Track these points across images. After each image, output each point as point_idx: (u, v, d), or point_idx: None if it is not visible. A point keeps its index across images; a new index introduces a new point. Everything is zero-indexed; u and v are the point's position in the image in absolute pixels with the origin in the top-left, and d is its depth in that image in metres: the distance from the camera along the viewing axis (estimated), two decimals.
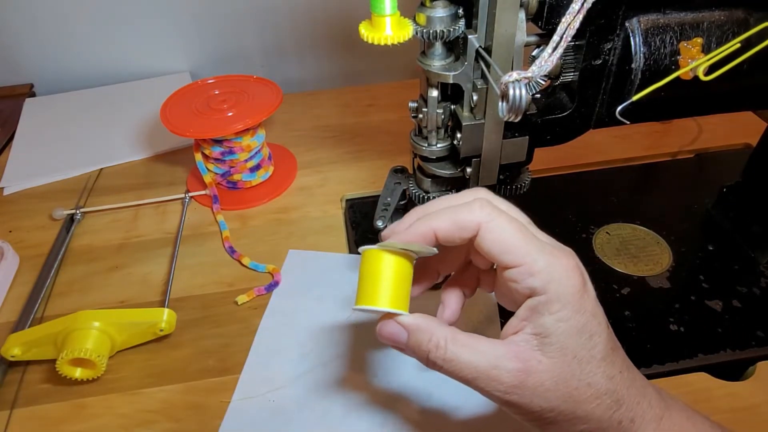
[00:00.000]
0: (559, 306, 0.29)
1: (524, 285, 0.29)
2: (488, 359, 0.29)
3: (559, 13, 0.33)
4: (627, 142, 0.68)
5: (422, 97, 0.40)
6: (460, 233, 0.30)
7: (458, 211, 0.30)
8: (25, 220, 0.62)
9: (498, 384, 0.29)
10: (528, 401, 0.29)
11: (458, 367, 0.30)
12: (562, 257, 0.30)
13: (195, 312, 0.51)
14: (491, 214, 0.30)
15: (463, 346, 0.30)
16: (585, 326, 0.29)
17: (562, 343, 0.29)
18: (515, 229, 0.30)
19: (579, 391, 0.29)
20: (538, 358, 0.29)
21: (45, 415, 0.44)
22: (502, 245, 0.29)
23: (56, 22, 0.79)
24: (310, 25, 0.83)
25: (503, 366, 0.29)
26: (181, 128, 0.57)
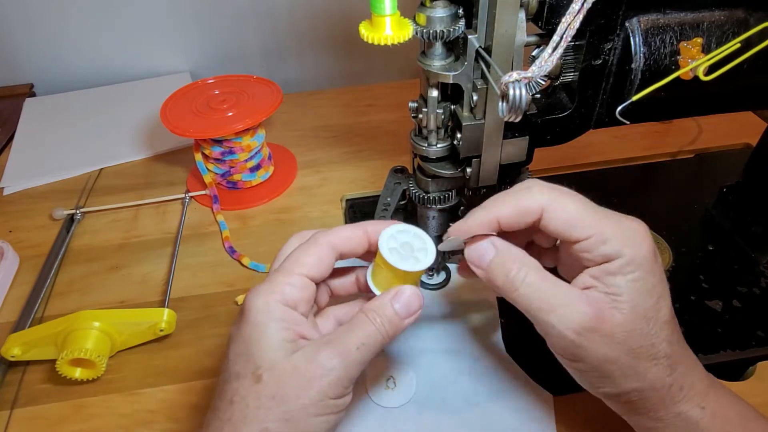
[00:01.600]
0: (633, 267, 0.30)
1: (598, 253, 0.30)
2: (567, 296, 0.30)
3: (559, 13, 0.33)
4: (627, 142, 0.68)
5: (422, 97, 0.40)
6: (524, 218, 0.31)
7: (519, 197, 0.31)
8: (25, 220, 0.62)
9: (571, 322, 0.30)
10: (595, 348, 0.30)
11: (535, 295, 0.31)
12: (631, 222, 0.31)
13: (195, 312, 0.51)
14: (552, 195, 0.31)
15: (545, 278, 0.31)
16: (654, 288, 0.31)
17: (635, 302, 0.30)
18: (579, 204, 0.31)
19: (643, 349, 0.30)
20: (611, 311, 0.30)
21: (45, 415, 0.44)
22: (570, 222, 0.30)
23: (56, 22, 0.79)
24: (310, 25, 0.83)
25: (578, 307, 0.30)
26: (181, 128, 0.57)
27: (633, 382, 0.31)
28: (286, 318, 0.31)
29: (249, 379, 0.30)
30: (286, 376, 0.30)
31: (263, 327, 0.31)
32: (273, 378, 0.30)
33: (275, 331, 0.31)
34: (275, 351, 0.30)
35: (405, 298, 0.33)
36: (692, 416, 0.32)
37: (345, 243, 0.34)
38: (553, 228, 0.31)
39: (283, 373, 0.30)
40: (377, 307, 0.32)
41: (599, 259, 0.30)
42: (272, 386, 0.30)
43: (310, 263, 0.33)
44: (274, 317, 0.31)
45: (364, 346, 0.31)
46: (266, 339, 0.30)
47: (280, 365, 0.30)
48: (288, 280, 0.32)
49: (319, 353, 0.30)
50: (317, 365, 0.30)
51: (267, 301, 0.31)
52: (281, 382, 0.30)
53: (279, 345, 0.30)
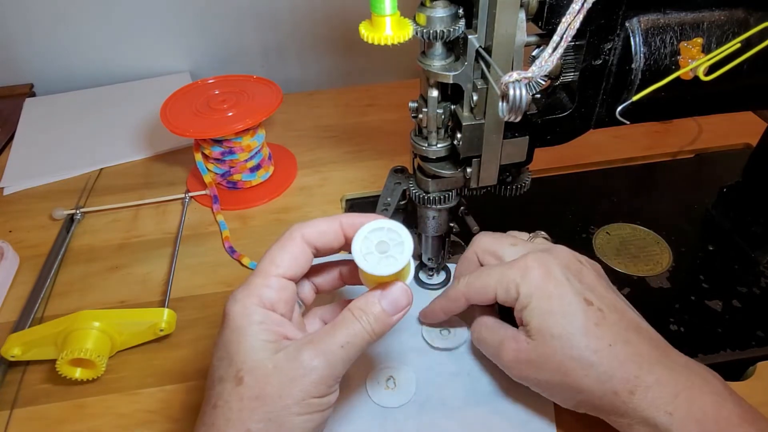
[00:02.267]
0: (527, 300, 0.35)
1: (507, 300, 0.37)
2: (499, 340, 0.38)
3: (559, 13, 0.33)
4: (627, 142, 0.68)
5: (422, 97, 0.40)
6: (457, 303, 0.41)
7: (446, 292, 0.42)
8: (25, 220, 0.62)
9: (502, 359, 0.38)
10: (526, 374, 0.36)
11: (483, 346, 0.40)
12: (516, 263, 0.37)
13: (195, 312, 0.51)
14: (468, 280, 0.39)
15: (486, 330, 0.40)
16: (552, 308, 0.35)
17: (539, 327, 0.35)
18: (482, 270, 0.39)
19: (564, 364, 0.34)
20: (526, 340, 0.36)
21: (45, 415, 0.44)
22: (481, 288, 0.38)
23: (56, 22, 0.79)
24: (310, 25, 0.83)
25: (506, 345, 0.37)
26: (181, 128, 0.57)
27: (576, 395, 0.35)
28: (266, 320, 0.31)
29: (231, 382, 0.30)
30: (267, 376, 0.30)
31: (243, 330, 0.31)
32: (255, 379, 0.30)
33: (255, 333, 0.31)
34: (256, 352, 0.30)
35: (392, 294, 0.33)
36: (660, 422, 0.32)
37: (320, 238, 0.34)
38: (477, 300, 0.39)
39: (264, 374, 0.30)
40: (363, 305, 0.33)
41: (512, 304, 0.37)
42: (254, 387, 0.30)
43: (285, 264, 0.33)
44: (254, 320, 0.31)
45: (349, 345, 0.31)
46: (246, 341, 0.31)
47: (261, 366, 0.30)
48: (265, 282, 0.32)
49: (301, 352, 0.30)
50: (299, 364, 0.30)
51: (245, 304, 0.32)
52: (263, 382, 0.30)
53: (260, 346, 0.31)
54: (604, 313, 0.35)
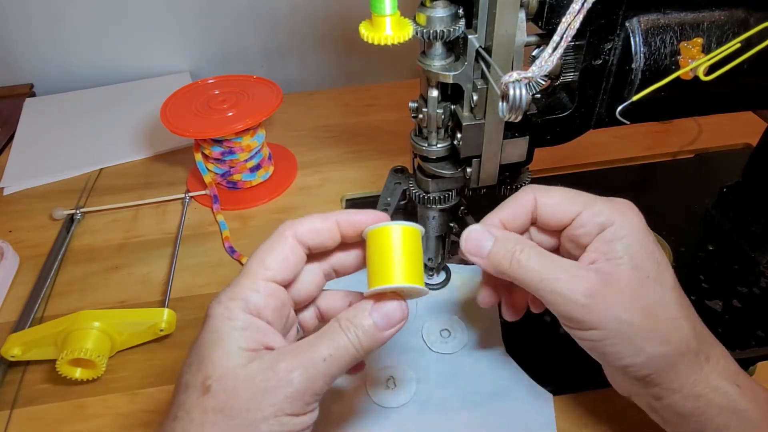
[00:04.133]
0: (627, 232, 0.31)
1: (593, 224, 0.31)
2: (569, 268, 0.31)
3: (559, 13, 0.33)
4: (627, 142, 0.68)
5: (422, 97, 0.40)
6: (522, 211, 0.34)
7: (514, 197, 0.34)
8: (25, 220, 0.62)
9: (577, 287, 0.30)
10: (607, 310, 0.30)
11: (541, 268, 0.31)
12: (617, 200, 0.33)
13: (195, 312, 0.51)
14: (539, 187, 0.34)
15: (545, 255, 0.32)
16: (653, 252, 0.31)
17: (636, 262, 0.30)
18: (564, 190, 0.33)
19: (655, 307, 0.30)
20: (616, 273, 0.30)
21: (45, 415, 0.44)
22: (561, 203, 0.33)
23: (56, 22, 0.79)
24: (310, 25, 0.83)
25: (583, 274, 0.30)
26: (181, 128, 0.57)
27: (657, 345, 0.30)
28: (248, 326, 0.28)
29: (197, 390, 0.27)
30: (237, 386, 0.27)
31: (221, 334, 0.28)
32: (222, 388, 0.27)
33: (233, 339, 0.28)
34: (230, 359, 0.27)
35: (386, 307, 0.29)
36: (730, 394, 0.31)
37: (314, 237, 0.31)
38: (547, 213, 0.33)
39: (234, 383, 0.27)
40: (353, 317, 0.29)
41: (595, 230, 0.31)
42: (221, 397, 0.27)
43: (276, 266, 0.30)
44: (234, 325, 0.28)
45: (332, 358, 0.28)
46: (222, 346, 0.28)
47: (232, 374, 0.27)
48: (252, 285, 0.29)
49: (278, 362, 0.27)
50: (274, 375, 0.27)
51: (229, 307, 0.29)
52: (231, 393, 0.27)
53: (235, 353, 0.27)
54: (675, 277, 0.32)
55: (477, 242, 0.33)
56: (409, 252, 0.30)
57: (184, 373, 0.28)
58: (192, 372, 0.28)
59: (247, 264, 0.30)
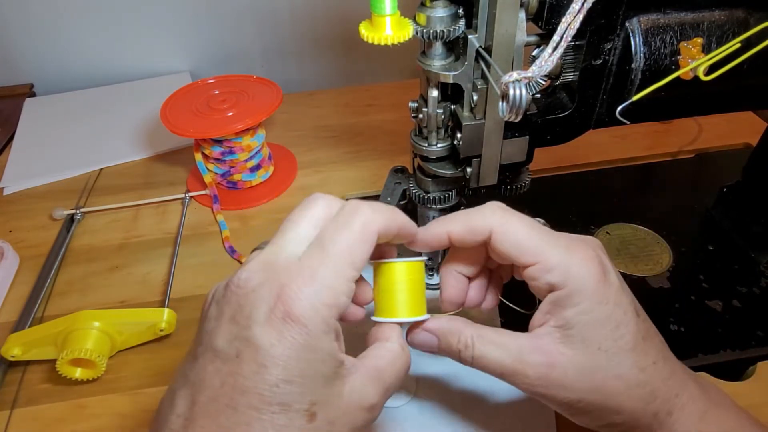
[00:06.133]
0: (579, 298, 0.29)
1: (543, 281, 0.29)
2: (513, 354, 0.30)
3: (559, 13, 0.33)
4: (627, 142, 0.68)
5: (422, 97, 0.40)
6: (473, 236, 0.31)
7: (471, 216, 0.31)
8: (25, 220, 0.62)
9: (524, 377, 0.30)
10: (555, 392, 0.30)
11: (487, 364, 0.31)
12: (578, 250, 0.30)
13: (195, 312, 0.51)
14: (503, 217, 0.30)
15: (489, 344, 0.31)
16: (609, 317, 0.29)
17: (585, 335, 0.29)
18: (527, 229, 0.30)
19: (607, 383, 0.29)
20: (560, 351, 0.29)
21: (45, 415, 0.44)
22: (516, 246, 0.30)
23: (56, 21, 0.79)
24: (310, 25, 0.83)
25: (527, 360, 0.30)
26: (181, 128, 0.57)
27: (611, 415, 0.30)
28: (336, 336, 0.27)
29: (302, 417, 0.25)
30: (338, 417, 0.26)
31: (320, 351, 0.25)
32: (326, 417, 0.26)
33: (330, 356, 0.26)
34: (330, 382, 0.26)
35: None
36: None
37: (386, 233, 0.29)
38: (500, 250, 0.30)
39: (335, 414, 0.26)
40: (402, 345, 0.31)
41: (545, 287, 0.30)
42: (324, 428, 0.25)
43: (360, 262, 0.27)
44: (331, 337, 0.26)
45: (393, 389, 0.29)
46: (325, 367, 0.26)
47: (334, 403, 0.26)
48: (345, 289, 0.27)
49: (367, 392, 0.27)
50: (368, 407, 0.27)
51: (325, 317, 0.26)
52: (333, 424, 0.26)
53: (333, 375, 0.26)
54: (647, 325, 0.31)
55: (423, 341, 0.33)
56: (412, 285, 0.32)
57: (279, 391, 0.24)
58: (294, 393, 0.25)
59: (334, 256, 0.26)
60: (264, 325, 0.25)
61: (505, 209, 0.31)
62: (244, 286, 0.26)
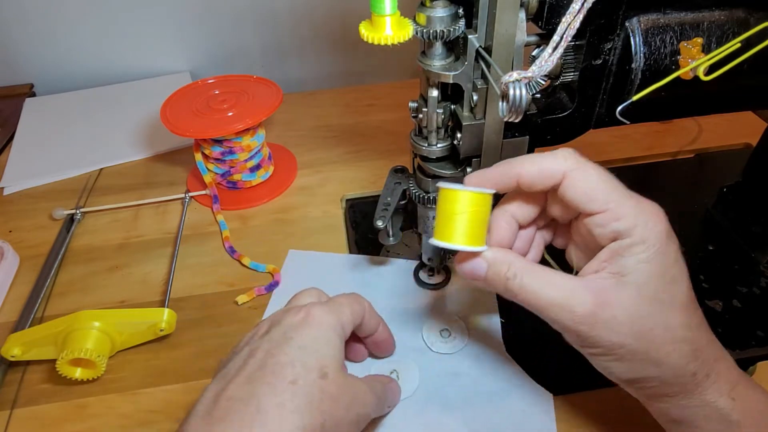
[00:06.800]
0: (643, 248, 0.29)
1: (609, 229, 0.30)
2: (563, 289, 0.30)
3: (559, 13, 0.33)
4: (627, 142, 0.68)
5: (422, 97, 0.40)
6: (544, 179, 0.31)
7: (545, 158, 0.31)
8: (25, 220, 0.62)
9: (570, 313, 0.30)
10: (599, 332, 0.30)
11: (534, 294, 0.31)
12: (647, 205, 0.31)
13: (195, 312, 0.51)
14: (577, 163, 0.31)
15: (540, 277, 0.31)
16: (667, 271, 0.30)
17: (641, 282, 0.29)
18: (600, 177, 0.31)
19: (655, 331, 0.30)
20: (614, 292, 0.29)
21: (45, 415, 0.44)
22: (588, 192, 0.30)
23: (56, 22, 0.79)
24: (310, 25, 0.83)
25: (578, 295, 0.30)
26: (181, 128, 0.57)
27: (650, 368, 0.30)
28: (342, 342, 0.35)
29: (316, 372, 0.32)
30: (343, 386, 0.33)
31: (332, 339, 0.34)
32: (335, 381, 0.33)
33: (339, 349, 0.35)
34: (338, 361, 0.34)
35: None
36: (722, 407, 0.31)
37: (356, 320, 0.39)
38: (570, 196, 0.31)
39: (342, 382, 0.33)
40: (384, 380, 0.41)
41: (610, 236, 0.30)
42: (334, 388, 0.32)
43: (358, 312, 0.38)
44: (339, 336, 0.35)
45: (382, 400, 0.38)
46: (333, 349, 0.34)
47: (340, 375, 0.33)
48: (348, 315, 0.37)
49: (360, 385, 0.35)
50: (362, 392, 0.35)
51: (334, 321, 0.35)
52: (340, 388, 0.33)
53: (340, 359, 0.34)
54: (693, 294, 0.31)
55: (472, 268, 0.33)
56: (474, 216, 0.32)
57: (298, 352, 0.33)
58: (308, 356, 0.33)
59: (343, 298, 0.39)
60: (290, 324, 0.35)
61: (577, 155, 0.31)
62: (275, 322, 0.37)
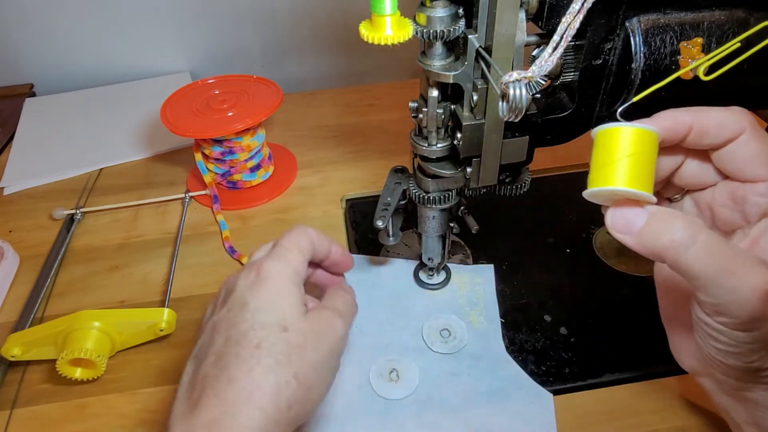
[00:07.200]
0: None
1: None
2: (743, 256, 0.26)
3: (559, 13, 0.33)
4: None
5: (422, 97, 0.40)
6: (719, 132, 0.29)
7: (723, 112, 0.29)
8: (25, 220, 0.62)
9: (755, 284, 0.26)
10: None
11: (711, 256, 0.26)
12: None
13: (195, 312, 0.51)
14: (753, 124, 0.29)
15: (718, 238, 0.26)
16: None
17: None
18: None
19: None
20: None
21: (45, 415, 0.44)
22: (760, 157, 0.28)
23: (56, 22, 0.79)
24: (310, 25, 0.83)
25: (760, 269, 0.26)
26: (181, 128, 0.57)
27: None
28: (299, 287, 0.36)
29: (276, 328, 0.33)
30: (306, 330, 0.33)
31: (287, 288, 0.35)
32: (297, 329, 0.33)
33: (296, 295, 0.35)
34: (296, 309, 0.34)
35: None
36: None
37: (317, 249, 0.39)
38: (743, 156, 0.28)
39: (304, 327, 0.34)
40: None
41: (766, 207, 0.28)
42: (297, 336, 0.33)
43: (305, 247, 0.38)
44: (294, 283, 0.35)
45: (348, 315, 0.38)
46: (289, 298, 0.34)
47: (301, 321, 0.34)
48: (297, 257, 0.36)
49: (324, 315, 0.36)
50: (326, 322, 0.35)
51: (285, 270, 0.35)
52: (303, 335, 0.33)
53: (298, 305, 0.34)
54: None
55: (625, 218, 0.28)
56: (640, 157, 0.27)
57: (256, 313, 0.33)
58: (265, 315, 0.33)
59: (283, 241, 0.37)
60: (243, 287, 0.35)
61: (751, 116, 0.29)
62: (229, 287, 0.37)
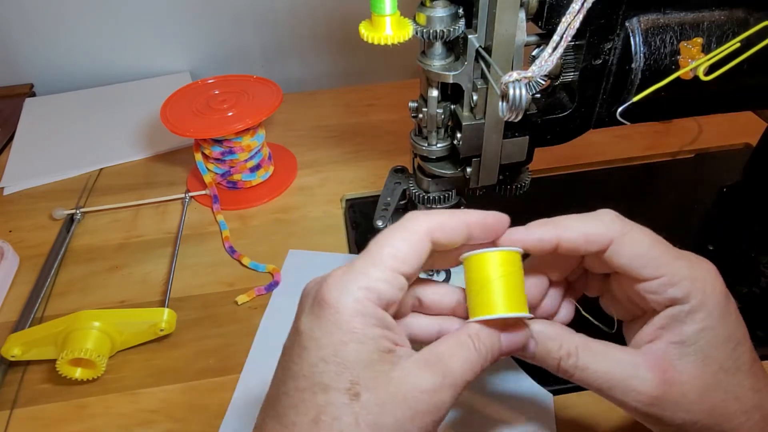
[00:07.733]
0: (704, 315, 0.27)
1: (665, 296, 0.28)
2: (625, 368, 0.28)
3: (559, 12, 0.33)
4: (627, 142, 0.68)
5: (422, 97, 0.40)
6: (588, 246, 0.28)
7: (587, 224, 0.29)
8: (25, 220, 0.62)
9: (636, 394, 0.27)
10: (670, 413, 0.28)
11: (592, 376, 0.28)
12: (701, 264, 0.29)
13: (195, 312, 0.51)
14: (624, 227, 0.28)
15: (597, 354, 0.29)
16: (731, 335, 0.28)
17: (706, 353, 0.27)
18: (651, 241, 0.28)
19: (726, 404, 0.28)
20: (679, 368, 0.27)
21: (45, 415, 0.44)
22: (640, 258, 0.28)
23: (56, 22, 0.79)
24: (310, 25, 0.83)
25: (642, 376, 0.28)
26: (181, 128, 0.57)
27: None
28: (381, 323, 0.26)
29: (343, 396, 0.25)
30: (389, 401, 0.25)
31: (358, 333, 0.25)
32: (374, 400, 0.25)
33: (372, 339, 0.25)
34: (374, 364, 0.25)
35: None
36: None
37: (445, 236, 0.28)
38: (619, 262, 0.28)
39: (385, 397, 0.25)
40: (485, 337, 0.28)
41: (665, 302, 0.28)
42: (373, 409, 0.25)
43: (404, 256, 0.27)
44: (370, 321, 0.26)
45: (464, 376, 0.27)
46: (363, 348, 0.25)
47: (382, 385, 0.25)
48: (383, 275, 0.26)
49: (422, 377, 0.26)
50: (425, 391, 0.25)
51: (359, 298, 0.26)
52: (383, 407, 0.25)
53: (378, 357, 0.25)
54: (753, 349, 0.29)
55: (516, 342, 0.29)
56: (509, 279, 0.28)
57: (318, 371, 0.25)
58: (330, 373, 0.25)
59: (372, 250, 0.27)
60: (307, 314, 0.26)
61: (623, 218, 0.29)
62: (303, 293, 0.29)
